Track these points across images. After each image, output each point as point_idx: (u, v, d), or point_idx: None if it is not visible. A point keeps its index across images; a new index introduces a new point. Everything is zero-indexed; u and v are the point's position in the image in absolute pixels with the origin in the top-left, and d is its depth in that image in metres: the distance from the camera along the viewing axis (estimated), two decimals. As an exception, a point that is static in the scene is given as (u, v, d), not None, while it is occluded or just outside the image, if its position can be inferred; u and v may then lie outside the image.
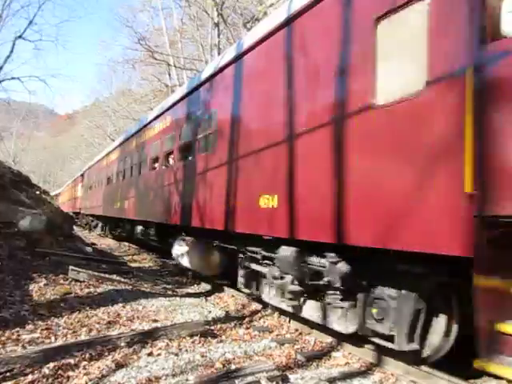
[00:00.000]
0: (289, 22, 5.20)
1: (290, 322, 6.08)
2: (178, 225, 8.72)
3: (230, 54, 6.89)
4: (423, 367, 4.11)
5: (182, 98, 9.14)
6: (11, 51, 23.87)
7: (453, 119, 3.11)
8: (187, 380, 3.77)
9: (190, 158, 8.37)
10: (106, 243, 18.42)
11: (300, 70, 4.94)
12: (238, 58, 6.43)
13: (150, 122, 11.87)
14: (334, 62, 4.36)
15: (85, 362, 4.01)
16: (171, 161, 9.69)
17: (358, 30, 4.06)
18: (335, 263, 4.41)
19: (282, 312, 6.15)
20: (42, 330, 4.85)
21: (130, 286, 7.68)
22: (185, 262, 8.52)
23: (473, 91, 2.99)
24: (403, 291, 3.86)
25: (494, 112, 2.91)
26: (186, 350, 4.57)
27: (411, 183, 3.39)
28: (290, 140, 4.94)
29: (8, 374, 3.66)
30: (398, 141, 3.55)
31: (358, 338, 4.75)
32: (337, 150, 4.23)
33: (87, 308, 5.89)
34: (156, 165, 10.83)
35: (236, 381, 3.67)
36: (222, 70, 7.04)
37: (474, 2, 3.06)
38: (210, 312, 6.37)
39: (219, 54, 20.01)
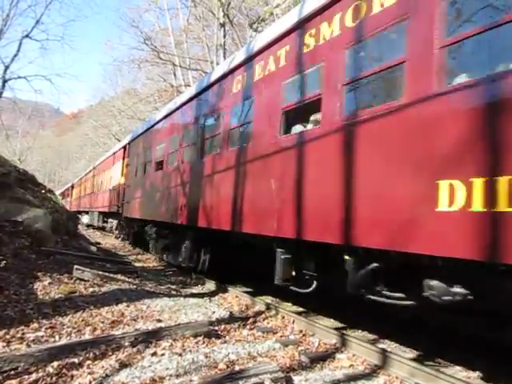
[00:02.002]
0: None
1: (293, 322, 6.06)
2: None
3: None
4: (428, 369, 4.08)
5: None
6: (18, 50, 24.11)
7: None
8: (191, 381, 3.76)
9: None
10: (111, 242, 18.46)
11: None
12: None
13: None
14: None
15: (89, 361, 4.01)
16: None
17: None
18: None
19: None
20: (46, 328, 4.86)
21: (135, 286, 7.68)
22: None
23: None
24: None
25: None
26: (190, 351, 4.56)
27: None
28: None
29: (12, 372, 3.65)
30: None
31: (362, 340, 4.73)
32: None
33: (91, 307, 5.90)
34: None
35: (240, 382, 3.65)
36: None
37: None
38: (214, 312, 6.37)
39: (225, 54, 20.02)
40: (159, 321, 5.62)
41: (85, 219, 30.94)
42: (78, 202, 37.33)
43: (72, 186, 44.75)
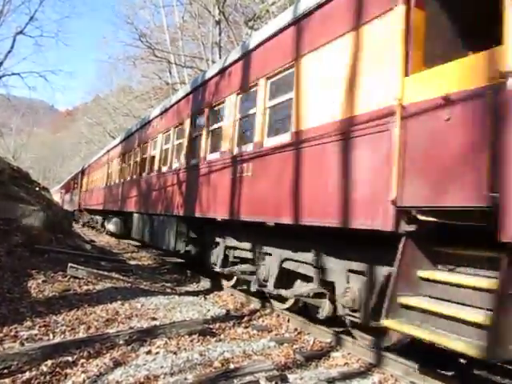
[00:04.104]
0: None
1: (289, 321, 6.06)
2: None
3: None
4: (423, 368, 4.09)
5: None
6: (12, 47, 23.99)
7: None
8: (186, 379, 3.75)
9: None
10: (105, 240, 18.36)
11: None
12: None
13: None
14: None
15: (83, 360, 3.98)
16: None
17: None
18: None
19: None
20: (40, 326, 4.83)
21: (129, 284, 7.65)
22: None
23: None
24: None
25: None
26: (185, 349, 4.54)
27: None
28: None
29: (5, 370, 3.63)
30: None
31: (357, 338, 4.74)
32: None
33: (86, 305, 5.86)
34: None
35: (235, 380, 3.65)
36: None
37: None
38: (209, 310, 6.35)
39: (220, 52, 19.97)
40: (154, 319, 5.60)
41: (111, 226, 18.59)
42: (100, 195, 20.70)
43: (82, 173, 29.57)
